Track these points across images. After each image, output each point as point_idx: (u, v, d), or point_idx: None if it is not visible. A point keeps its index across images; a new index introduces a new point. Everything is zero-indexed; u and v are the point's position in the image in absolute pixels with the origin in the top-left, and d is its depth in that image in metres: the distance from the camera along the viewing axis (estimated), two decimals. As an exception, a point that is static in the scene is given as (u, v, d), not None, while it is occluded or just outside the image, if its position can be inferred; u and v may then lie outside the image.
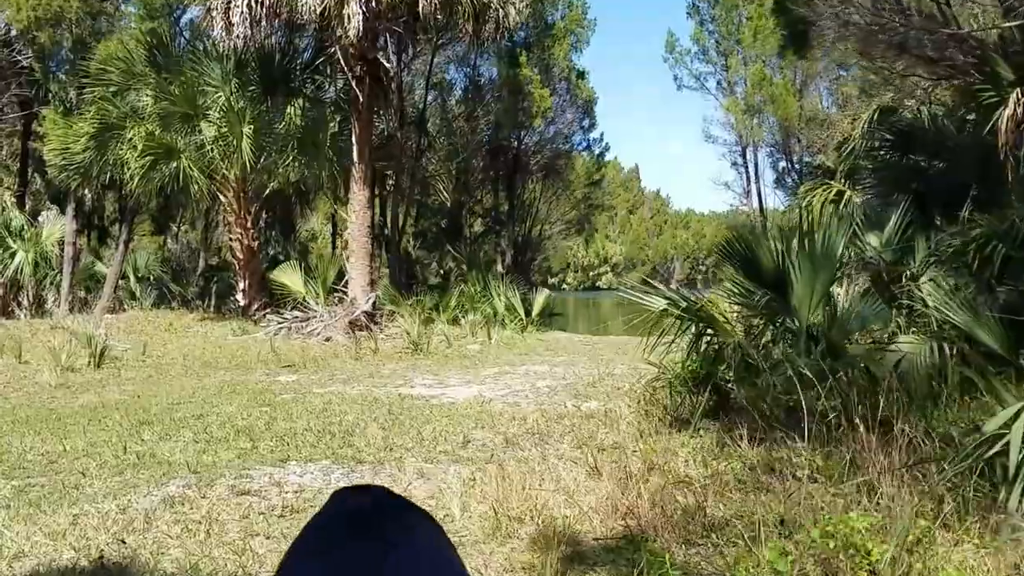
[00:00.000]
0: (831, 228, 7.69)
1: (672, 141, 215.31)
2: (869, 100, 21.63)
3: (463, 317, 18.30)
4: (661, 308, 8.11)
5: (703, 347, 8.33)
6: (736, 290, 8.52)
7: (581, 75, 30.75)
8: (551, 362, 13.74)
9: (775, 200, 34.64)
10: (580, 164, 33.69)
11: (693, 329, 8.29)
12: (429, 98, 25.94)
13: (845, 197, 18.35)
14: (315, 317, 17.43)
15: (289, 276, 18.50)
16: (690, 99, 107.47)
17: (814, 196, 18.96)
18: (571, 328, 22.65)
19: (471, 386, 11.24)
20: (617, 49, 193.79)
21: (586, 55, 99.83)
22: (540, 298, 19.12)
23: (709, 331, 8.18)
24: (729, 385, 8.13)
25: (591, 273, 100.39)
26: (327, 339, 16.56)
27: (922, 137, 14.10)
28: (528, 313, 18.69)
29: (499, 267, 26.38)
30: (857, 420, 6.34)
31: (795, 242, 8.50)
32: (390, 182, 23.54)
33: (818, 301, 7.66)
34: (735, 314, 8.89)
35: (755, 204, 32.18)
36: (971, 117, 13.87)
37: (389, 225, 23.18)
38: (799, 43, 14.99)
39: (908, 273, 8.05)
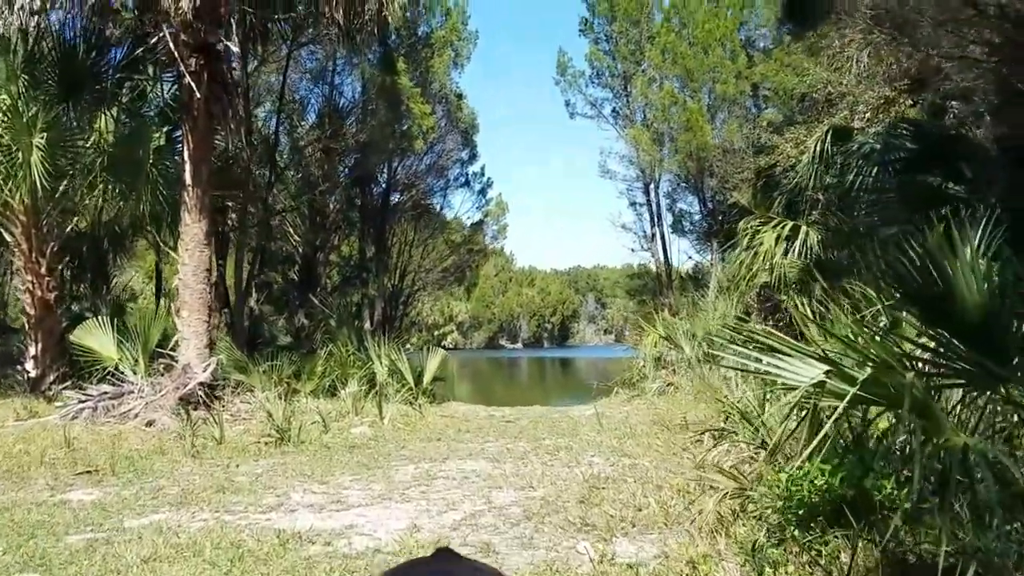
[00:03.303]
0: None
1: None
2: (795, 128, 18.84)
3: (341, 386, 13.93)
4: (815, 380, 4.24)
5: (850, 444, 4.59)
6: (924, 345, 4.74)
7: (460, 96, 26.92)
8: (485, 453, 9.61)
9: (676, 249, 31.66)
10: (459, 202, 29.82)
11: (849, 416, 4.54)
12: (276, 122, 21.19)
13: (802, 234, 15.22)
14: (133, 392, 12.74)
15: (97, 337, 13.69)
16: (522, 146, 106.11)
17: (760, 234, 15.72)
18: (452, 395, 18.63)
19: (389, 506, 7.03)
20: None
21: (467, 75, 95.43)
22: (433, 362, 14.91)
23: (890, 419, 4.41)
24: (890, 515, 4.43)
25: (436, 332, 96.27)
26: (149, 423, 11.90)
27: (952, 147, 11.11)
28: (419, 380, 14.52)
29: (367, 323, 22.11)
30: None
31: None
32: (231, 216, 18.92)
33: None
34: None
35: (659, 250, 28.76)
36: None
37: (232, 272, 18.50)
38: (804, 10, 11.72)
39: None
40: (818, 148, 14.01)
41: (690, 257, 29.81)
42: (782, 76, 21.57)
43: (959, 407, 4.81)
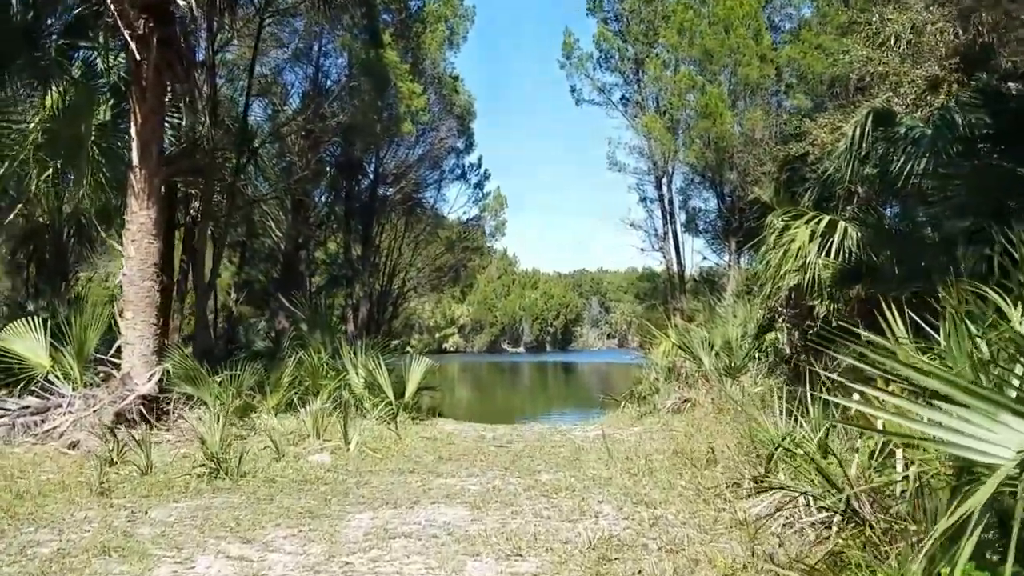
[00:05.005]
0: None
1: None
2: (828, 113, 16.95)
3: (305, 402, 11.95)
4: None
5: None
6: None
7: (456, 79, 24.91)
8: (465, 494, 7.64)
9: (690, 249, 29.57)
10: (454, 196, 27.91)
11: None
12: (246, 100, 18.86)
13: (840, 229, 13.31)
14: (61, 407, 10.89)
15: (24, 341, 11.79)
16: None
17: (791, 230, 13.82)
18: (450, 398, 16.77)
19: (323, 581, 5.15)
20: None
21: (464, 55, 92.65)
22: (416, 372, 12.95)
23: None
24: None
25: (437, 335, 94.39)
26: (72, 444, 10.05)
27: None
28: (400, 393, 12.61)
29: (351, 326, 20.24)
30: None
31: None
32: (195, 205, 16.99)
33: None
34: None
35: (671, 250, 26.62)
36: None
37: (199, 268, 16.59)
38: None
39: None
40: (857, 134, 12.12)
41: (705, 258, 27.76)
42: (811, 58, 19.66)
43: None
